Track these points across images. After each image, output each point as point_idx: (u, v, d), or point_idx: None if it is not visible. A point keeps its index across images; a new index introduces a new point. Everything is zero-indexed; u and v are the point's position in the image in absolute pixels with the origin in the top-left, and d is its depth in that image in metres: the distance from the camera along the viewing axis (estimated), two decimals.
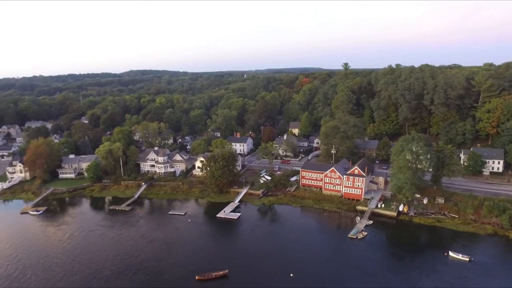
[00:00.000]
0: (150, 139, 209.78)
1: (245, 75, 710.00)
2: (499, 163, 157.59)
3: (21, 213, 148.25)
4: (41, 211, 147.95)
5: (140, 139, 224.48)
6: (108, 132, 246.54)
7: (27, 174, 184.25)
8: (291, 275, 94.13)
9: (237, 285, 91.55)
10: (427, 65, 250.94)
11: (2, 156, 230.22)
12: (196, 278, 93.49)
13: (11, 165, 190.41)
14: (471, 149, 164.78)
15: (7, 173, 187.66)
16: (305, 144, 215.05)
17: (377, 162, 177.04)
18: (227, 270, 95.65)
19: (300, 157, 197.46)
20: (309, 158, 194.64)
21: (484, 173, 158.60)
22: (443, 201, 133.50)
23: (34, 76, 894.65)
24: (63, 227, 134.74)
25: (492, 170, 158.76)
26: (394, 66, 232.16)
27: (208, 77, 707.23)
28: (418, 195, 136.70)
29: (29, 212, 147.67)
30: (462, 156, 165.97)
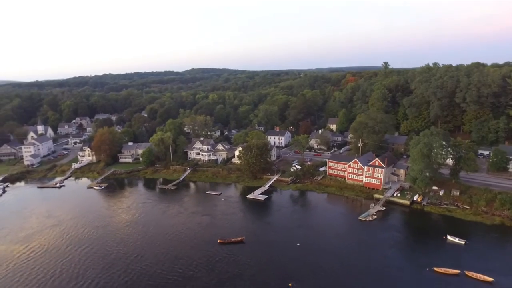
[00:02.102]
0: (197, 131, 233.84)
1: (302, 74, 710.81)
2: None
3: (87, 188, 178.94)
4: (103, 187, 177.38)
5: (190, 131, 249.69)
6: (163, 125, 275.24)
7: (94, 157, 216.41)
8: (298, 244, 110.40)
9: (250, 248, 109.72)
10: (478, 63, 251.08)
11: (75, 143, 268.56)
12: (218, 241, 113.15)
13: (81, 150, 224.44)
14: (499, 146, 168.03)
15: (79, 156, 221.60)
16: (339, 138, 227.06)
17: (404, 156, 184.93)
18: (244, 237, 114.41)
19: (332, 150, 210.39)
20: (341, 151, 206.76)
21: (510, 169, 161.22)
22: (458, 193, 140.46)
23: (105, 74, 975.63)
24: (121, 199, 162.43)
25: None
26: (431, 65, 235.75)
27: (264, 76, 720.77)
28: (435, 187, 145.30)
29: (94, 187, 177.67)
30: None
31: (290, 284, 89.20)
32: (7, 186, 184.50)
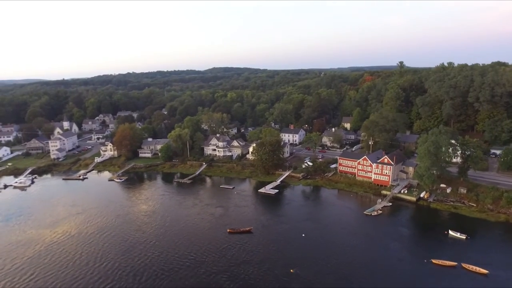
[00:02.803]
0: (214, 127, 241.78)
1: (322, 73, 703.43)
2: None
3: (109, 180, 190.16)
4: (123, 180, 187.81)
5: (207, 128, 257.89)
6: (182, 122, 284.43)
7: (115, 152, 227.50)
8: (303, 235, 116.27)
9: (257, 237, 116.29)
10: (498, 62, 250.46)
11: (98, 138, 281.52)
12: (228, 230, 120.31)
13: (104, 145, 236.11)
14: (510, 145, 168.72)
15: (101, 151, 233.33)
16: (353, 137, 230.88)
17: (415, 154, 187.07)
18: (252, 227, 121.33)
19: (345, 148, 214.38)
20: (353, 149, 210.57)
21: None
22: (465, 191, 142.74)
23: (128, 73, 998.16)
24: (140, 191, 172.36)
25: None
26: (446, 64, 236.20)
27: (284, 75, 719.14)
28: (443, 185, 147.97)
29: (115, 179, 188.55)
30: None
31: (292, 270, 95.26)
32: (35, 177, 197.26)
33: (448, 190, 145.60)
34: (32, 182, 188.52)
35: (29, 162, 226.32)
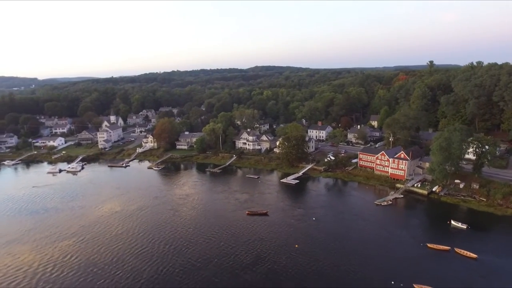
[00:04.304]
0: (245, 123, 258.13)
1: (365, 72, 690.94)
2: None
3: (148, 168, 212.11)
4: (161, 168, 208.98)
5: (240, 123, 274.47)
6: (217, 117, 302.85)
7: (155, 144, 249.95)
8: (314, 218, 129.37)
9: (272, 219, 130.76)
10: None
11: (141, 131, 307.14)
12: (246, 212, 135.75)
13: (145, 137, 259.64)
14: None
15: (143, 142, 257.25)
16: (378, 134, 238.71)
17: None
18: (268, 210, 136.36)
19: (369, 145, 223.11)
20: (377, 146, 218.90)
21: None
22: (477, 186, 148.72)
23: (172, 71, 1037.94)
24: (176, 178, 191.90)
25: None
26: (475, 63, 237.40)
27: (324, 74, 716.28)
28: (457, 181, 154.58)
29: (153, 168, 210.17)
30: None
31: (296, 245, 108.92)
32: (85, 164, 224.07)
33: (461, 185, 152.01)
34: (82, 168, 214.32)
35: (80, 151, 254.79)
